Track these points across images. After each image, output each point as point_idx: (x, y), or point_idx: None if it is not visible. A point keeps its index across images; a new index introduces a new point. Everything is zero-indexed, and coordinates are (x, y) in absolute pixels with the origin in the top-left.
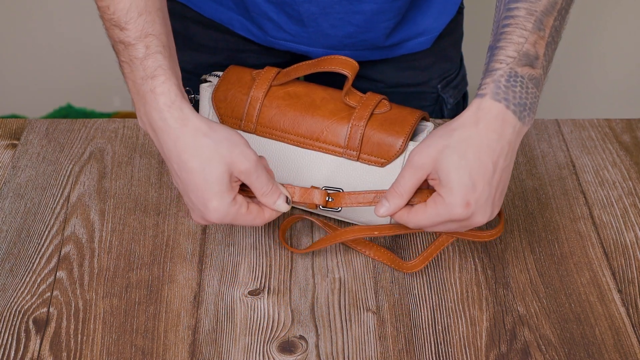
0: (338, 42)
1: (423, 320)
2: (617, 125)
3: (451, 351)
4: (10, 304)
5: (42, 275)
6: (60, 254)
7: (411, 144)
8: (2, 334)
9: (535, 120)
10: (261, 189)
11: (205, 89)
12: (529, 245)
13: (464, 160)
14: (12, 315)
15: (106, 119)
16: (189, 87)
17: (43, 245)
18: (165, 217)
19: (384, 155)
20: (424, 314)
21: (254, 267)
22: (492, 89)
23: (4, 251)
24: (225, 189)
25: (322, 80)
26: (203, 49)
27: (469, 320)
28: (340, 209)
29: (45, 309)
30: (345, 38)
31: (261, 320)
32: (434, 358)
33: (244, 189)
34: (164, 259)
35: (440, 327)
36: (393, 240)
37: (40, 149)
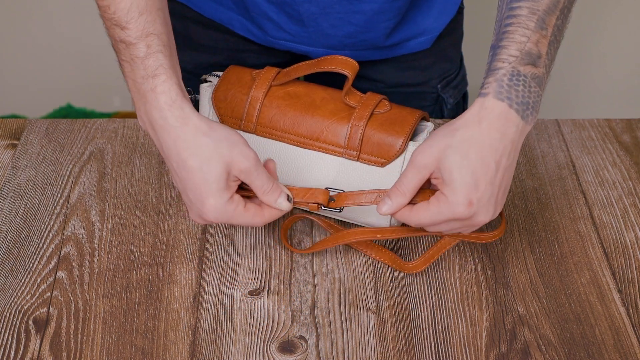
0: (338, 42)
1: (423, 320)
2: (617, 125)
3: (451, 351)
4: (10, 304)
5: (42, 275)
6: (60, 254)
7: (411, 144)
8: (2, 334)
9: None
10: (262, 187)
11: (205, 89)
12: (529, 245)
13: (466, 159)
14: (12, 315)
15: (106, 119)
16: (189, 87)
17: (43, 245)
18: (165, 217)
19: (384, 155)
20: (424, 314)
21: (254, 267)
22: (495, 88)
23: (4, 251)
24: (223, 187)
25: (322, 80)
26: (203, 49)
27: (469, 320)
28: (341, 209)
29: (45, 309)
30: (345, 38)
31: (261, 320)
32: (434, 358)
33: (245, 189)
34: (164, 259)
35: (440, 327)
36: (395, 241)
37: (40, 149)
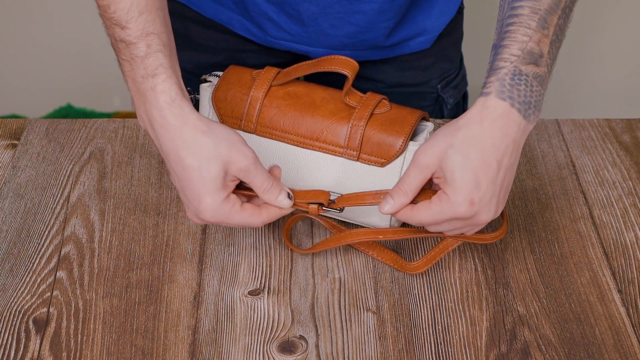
0: (338, 42)
1: (423, 320)
2: (617, 125)
3: (451, 351)
4: (10, 304)
5: (42, 275)
6: (60, 254)
7: (411, 144)
8: (2, 334)
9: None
10: (262, 185)
11: (205, 89)
12: (529, 245)
13: (468, 159)
14: (12, 315)
15: (106, 119)
16: (189, 87)
17: (43, 245)
18: (165, 217)
19: (384, 155)
20: (424, 314)
21: (254, 267)
22: (497, 88)
23: (4, 251)
24: (220, 186)
25: (322, 80)
26: (203, 49)
27: (469, 320)
28: (342, 209)
29: (45, 309)
30: (345, 38)
31: (261, 320)
32: (434, 358)
33: (246, 189)
34: (164, 259)
35: (440, 327)
36: (396, 242)
37: (40, 149)
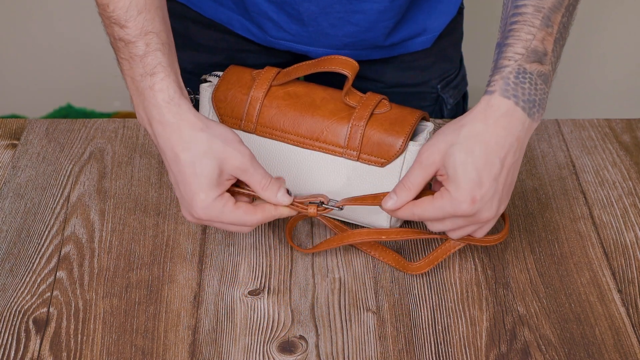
0: (338, 42)
1: (423, 320)
2: (617, 125)
3: (451, 351)
4: (10, 304)
5: (42, 275)
6: (60, 254)
7: (411, 143)
8: (2, 334)
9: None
10: (260, 182)
11: (205, 89)
12: (529, 245)
13: (470, 157)
14: (12, 315)
15: (106, 119)
16: (189, 87)
17: (43, 245)
18: (165, 217)
19: (384, 155)
20: (424, 314)
21: (254, 267)
22: (501, 86)
23: (4, 251)
24: (214, 183)
25: (322, 80)
26: (203, 49)
27: (469, 320)
28: (342, 207)
29: (45, 309)
30: (345, 37)
31: (261, 320)
32: (434, 358)
33: (245, 189)
34: (164, 259)
35: (440, 327)
36: (398, 243)
37: (40, 149)
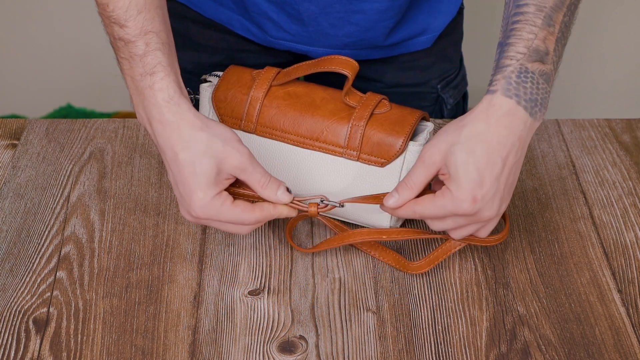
0: (338, 42)
1: (423, 320)
2: (617, 125)
3: (451, 351)
4: (10, 304)
5: (42, 275)
6: (60, 254)
7: (411, 144)
8: (2, 334)
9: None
10: (259, 181)
11: (205, 89)
12: (529, 245)
13: (472, 156)
14: (12, 315)
15: (106, 119)
16: (189, 87)
17: (43, 245)
18: (165, 217)
19: (384, 155)
20: (424, 314)
21: (254, 267)
22: (503, 85)
23: (4, 251)
24: (212, 182)
25: (322, 80)
26: (203, 49)
27: (469, 320)
28: (342, 205)
29: (45, 309)
30: (345, 37)
31: (261, 320)
32: (434, 358)
33: (245, 190)
34: (164, 259)
35: (440, 327)
36: (399, 243)
37: (40, 149)
